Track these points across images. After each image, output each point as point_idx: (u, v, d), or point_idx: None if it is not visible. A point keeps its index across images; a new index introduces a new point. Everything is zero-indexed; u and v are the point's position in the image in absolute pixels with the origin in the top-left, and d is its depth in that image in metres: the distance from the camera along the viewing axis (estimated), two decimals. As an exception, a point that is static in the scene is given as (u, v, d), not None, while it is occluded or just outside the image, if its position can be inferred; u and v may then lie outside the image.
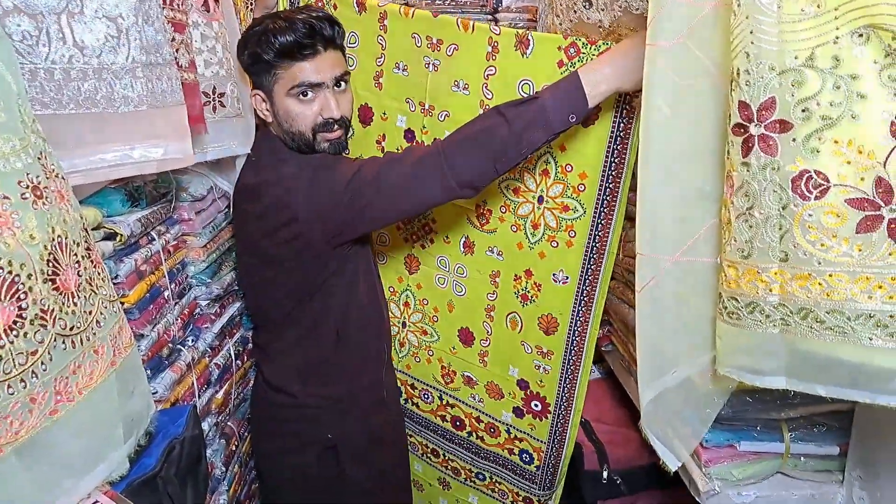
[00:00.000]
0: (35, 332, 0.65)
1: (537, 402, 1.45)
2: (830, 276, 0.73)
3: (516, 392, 1.47)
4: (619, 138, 1.17)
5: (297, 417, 1.34)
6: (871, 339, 0.72)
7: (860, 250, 0.70)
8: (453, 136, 1.07)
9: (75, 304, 0.72)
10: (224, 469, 1.32)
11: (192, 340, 1.21)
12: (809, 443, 1.13)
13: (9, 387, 0.61)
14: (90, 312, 0.76)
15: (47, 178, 0.72)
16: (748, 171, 0.76)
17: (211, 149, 1.16)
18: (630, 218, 1.14)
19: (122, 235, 0.95)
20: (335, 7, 1.37)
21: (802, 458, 1.14)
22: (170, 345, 1.11)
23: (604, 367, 1.95)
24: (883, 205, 0.68)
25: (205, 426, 1.24)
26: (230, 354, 1.36)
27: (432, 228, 1.46)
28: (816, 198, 0.71)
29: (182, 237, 1.19)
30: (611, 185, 1.21)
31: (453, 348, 1.52)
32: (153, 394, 1.02)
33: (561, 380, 1.40)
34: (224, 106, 1.17)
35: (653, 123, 0.88)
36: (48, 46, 0.79)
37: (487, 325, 1.45)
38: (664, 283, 0.94)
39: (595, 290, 1.30)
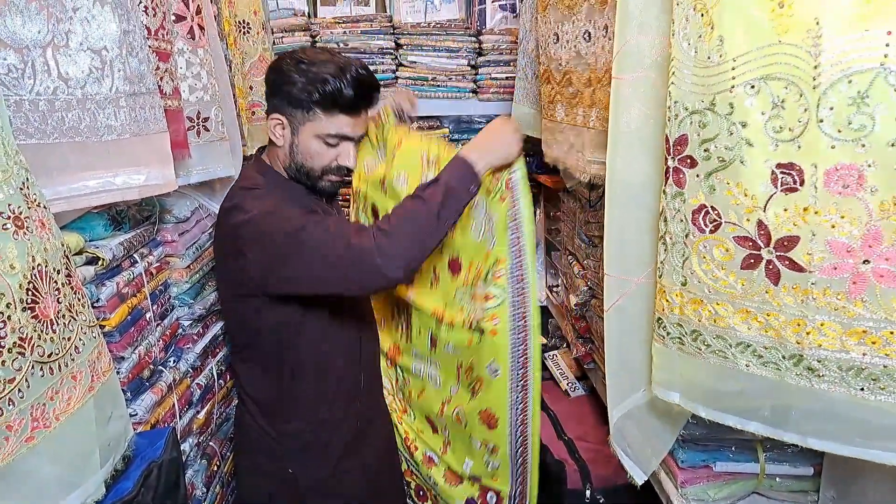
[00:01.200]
0: (13, 360, 0.66)
1: (493, 495, 1.44)
2: (717, 304, 0.79)
3: (471, 485, 1.47)
4: (515, 215, 1.20)
5: (262, 446, 1.33)
6: (747, 366, 0.79)
7: (743, 285, 0.76)
8: (383, 223, 1.09)
9: (54, 332, 0.73)
10: (205, 490, 1.32)
11: (174, 361, 1.22)
12: (784, 463, 1.14)
13: (-16, 415, 0.63)
14: (69, 339, 0.77)
15: (29, 207, 0.73)
16: (665, 199, 0.83)
17: (196, 172, 1.18)
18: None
19: (103, 260, 0.97)
20: (380, 117, 1.44)
21: (778, 479, 1.16)
22: (151, 366, 1.12)
23: (587, 385, 1.97)
24: (763, 246, 0.73)
25: (186, 447, 1.24)
26: (212, 374, 1.37)
27: (410, 323, 1.51)
28: (711, 231, 0.78)
29: (165, 258, 1.21)
30: (518, 271, 1.22)
31: (422, 432, 1.54)
32: (133, 416, 1.03)
33: (513, 473, 1.39)
34: (208, 130, 1.19)
35: (618, 150, 0.93)
36: (33, 79, 0.81)
37: (442, 420, 1.47)
38: (630, 304, 0.98)
39: (528, 383, 1.27)
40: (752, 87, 0.69)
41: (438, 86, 2.10)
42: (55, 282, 0.76)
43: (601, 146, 1.04)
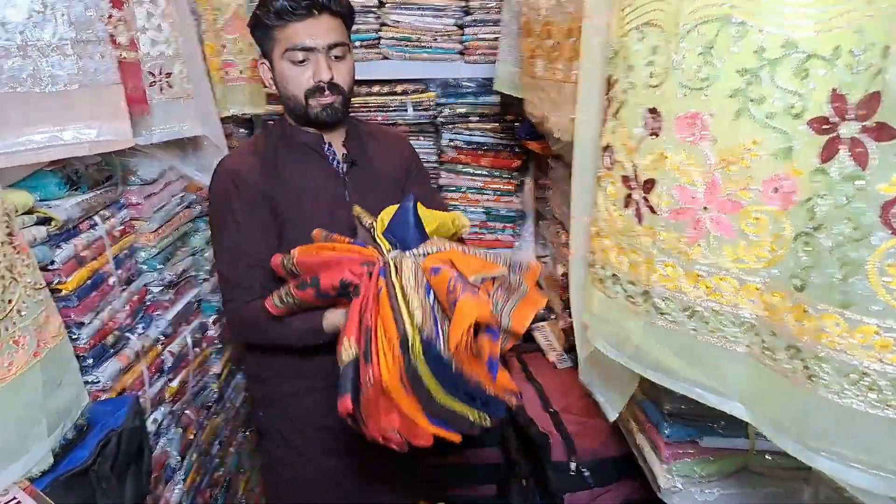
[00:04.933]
0: (-61, 322, 0.62)
1: None
2: (605, 237, 0.86)
3: None
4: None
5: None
6: (612, 297, 0.85)
7: (622, 222, 0.81)
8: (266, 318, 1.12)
9: (-10, 293, 0.69)
10: (180, 459, 1.30)
11: (143, 328, 1.18)
12: (775, 440, 1.11)
13: None
14: (10, 301, 0.72)
15: (-42, 160, 0.68)
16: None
17: (158, 130, 1.12)
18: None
19: (56, 220, 0.92)
20: None
21: (768, 455, 1.12)
22: (115, 332, 1.07)
23: (573, 357, 1.94)
24: (635, 187, 0.78)
25: (158, 415, 1.21)
26: (186, 341, 1.34)
27: None
28: (608, 169, 0.81)
29: (130, 222, 1.16)
30: None
31: None
32: (95, 384, 0.99)
33: None
34: (171, 87, 1.13)
35: (583, 98, 0.92)
36: (-37, 21, 0.74)
37: None
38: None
39: None
40: (640, 32, 0.71)
41: (423, 46, 2.02)
42: (-8, 240, 0.71)
43: (583, 102, 0.99)
